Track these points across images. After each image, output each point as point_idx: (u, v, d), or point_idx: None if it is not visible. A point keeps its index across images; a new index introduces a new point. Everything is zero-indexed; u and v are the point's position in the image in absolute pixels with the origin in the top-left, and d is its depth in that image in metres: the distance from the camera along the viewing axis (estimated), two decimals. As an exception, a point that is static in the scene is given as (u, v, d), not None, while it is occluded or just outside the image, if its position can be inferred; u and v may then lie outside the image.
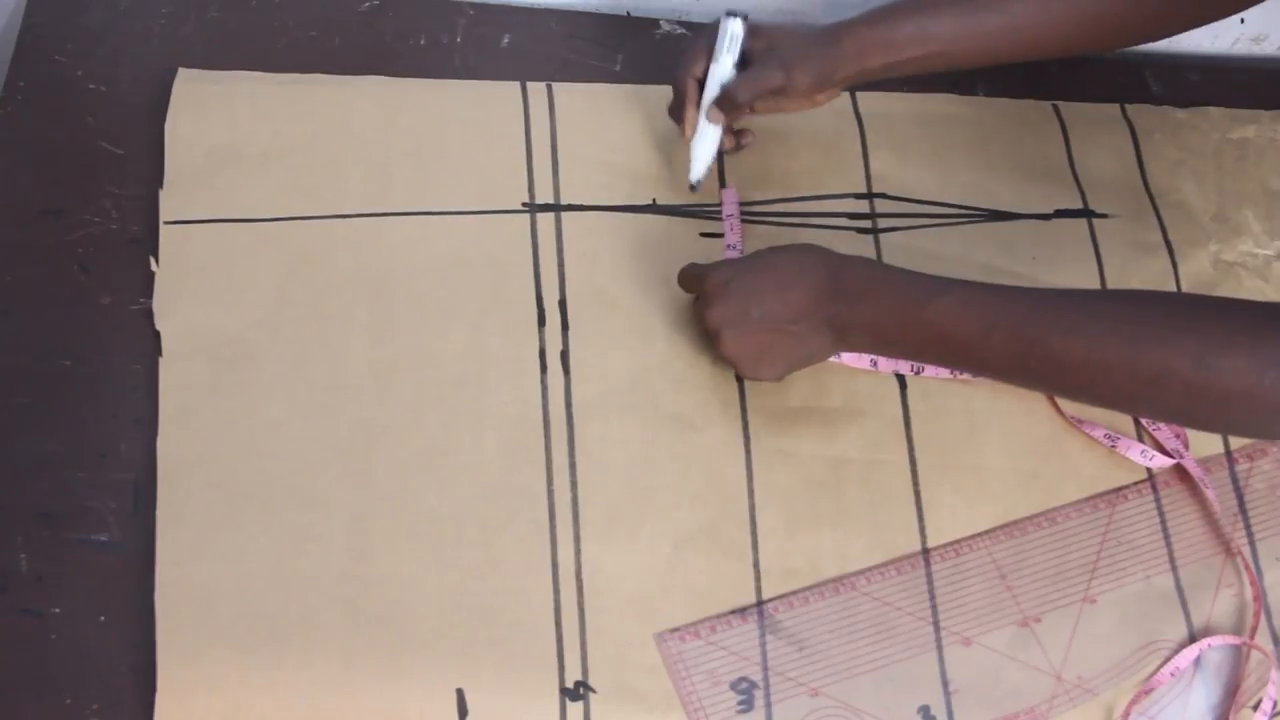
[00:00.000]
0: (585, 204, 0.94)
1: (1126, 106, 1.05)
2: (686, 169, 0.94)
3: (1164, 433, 0.91)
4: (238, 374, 0.86)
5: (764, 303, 0.83)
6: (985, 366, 0.81)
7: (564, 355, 0.89)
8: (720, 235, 0.95)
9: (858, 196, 0.98)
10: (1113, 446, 0.90)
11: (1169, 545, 0.88)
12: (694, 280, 0.88)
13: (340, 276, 0.90)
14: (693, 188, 0.94)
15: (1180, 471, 0.91)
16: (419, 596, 0.81)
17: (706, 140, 0.93)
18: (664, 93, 0.96)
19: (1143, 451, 0.90)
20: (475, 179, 0.94)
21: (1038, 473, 0.89)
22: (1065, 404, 0.91)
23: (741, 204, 0.96)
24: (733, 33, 0.90)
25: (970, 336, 0.79)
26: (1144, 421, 0.91)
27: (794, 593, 0.84)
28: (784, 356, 0.85)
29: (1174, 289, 0.96)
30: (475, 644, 0.80)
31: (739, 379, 0.90)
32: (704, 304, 0.86)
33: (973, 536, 0.87)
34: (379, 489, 0.83)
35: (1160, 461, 0.90)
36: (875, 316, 0.82)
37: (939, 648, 0.83)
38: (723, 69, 0.91)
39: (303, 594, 0.80)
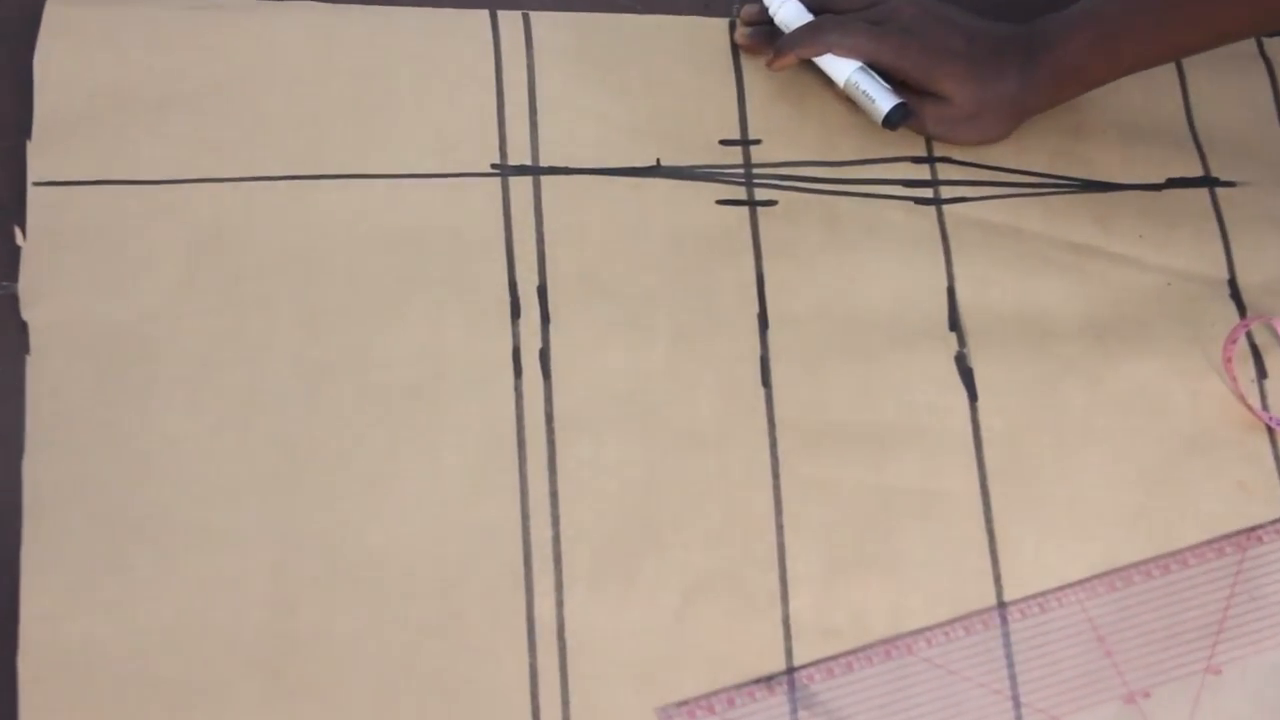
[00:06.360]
0: (571, 166, 0.88)
1: (1264, 41, 0.96)
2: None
3: None
4: (127, 378, 0.80)
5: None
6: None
7: (544, 355, 0.82)
8: (741, 202, 0.88)
9: (915, 160, 0.90)
10: None
11: (1319, 602, 0.82)
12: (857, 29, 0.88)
13: (260, 255, 0.84)
14: (888, 124, 0.90)
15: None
16: (358, 661, 0.74)
17: (840, 65, 0.90)
18: (674, 24, 0.90)
19: None
20: (431, 133, 0.88)
21: (1147, 508, 0.81)
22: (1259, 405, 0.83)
23: (768, 165, 0.89)
24: None
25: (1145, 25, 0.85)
26: None
27: (834, 658, 0.77)
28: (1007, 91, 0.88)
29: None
30: (429, 720, 0.75)
31: (765, 384, 0.82)
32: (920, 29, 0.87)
33: (1062, 588, 0.79)
34: (308, 525, 0.77)
35: None
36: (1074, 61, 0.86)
37: (1020, 731, 0.78)
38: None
39: (210, 658, 0.74)
